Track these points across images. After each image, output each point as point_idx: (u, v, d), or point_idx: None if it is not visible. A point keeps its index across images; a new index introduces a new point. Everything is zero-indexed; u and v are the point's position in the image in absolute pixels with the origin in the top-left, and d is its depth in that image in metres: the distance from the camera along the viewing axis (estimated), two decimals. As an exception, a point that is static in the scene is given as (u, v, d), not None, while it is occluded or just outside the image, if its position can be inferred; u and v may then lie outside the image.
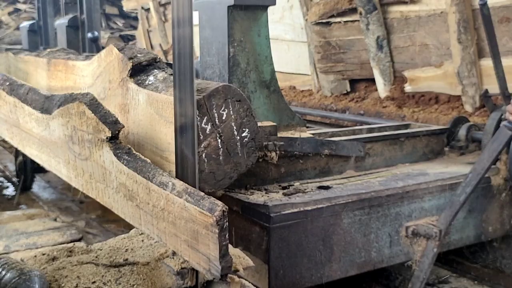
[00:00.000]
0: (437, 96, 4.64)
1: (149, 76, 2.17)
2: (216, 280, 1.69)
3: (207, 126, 1.90)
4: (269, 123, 2.72)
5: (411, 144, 3.31)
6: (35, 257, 1.96)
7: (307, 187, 2.68)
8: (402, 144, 3.27)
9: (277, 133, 2.71)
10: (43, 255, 1.97)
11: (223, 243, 1.56)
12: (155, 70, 2.19)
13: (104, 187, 2.13)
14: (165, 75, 2.13)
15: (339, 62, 5.44)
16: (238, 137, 1.98)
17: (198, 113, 1.86)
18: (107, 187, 2.11)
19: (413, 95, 4.84)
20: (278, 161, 2.70)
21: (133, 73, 2.19)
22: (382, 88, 5.04)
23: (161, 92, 2.01)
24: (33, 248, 3.11)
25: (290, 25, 6.00)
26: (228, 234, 1.58)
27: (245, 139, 2.00)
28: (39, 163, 2.82)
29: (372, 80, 5.20)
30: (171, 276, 1.84)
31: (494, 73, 3.21)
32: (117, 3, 12.03)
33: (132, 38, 11.40)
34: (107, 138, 1.92)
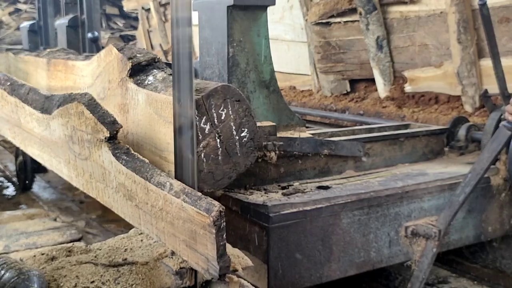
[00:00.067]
0: (437, 96, 4.64)
1: (148, 76, 2.17)
2: (214, 280, 1.69)
3: (206, 126, 1.90)
4: (269, 123, 2.72)
5: (410, 144, 3.31)
6: (34, 256, 1.96)
7: (307, 187, 2.68)
8: (401, 144, 3.27)
9: (277, 133, 2.70)
10: (42, 254, 1.97)
11: (221, 243, 1.57)
12: (155, 70, 2.19)
13: (104, 186, 2.13)
14: (164, 75, 2.13)
15: (339, 62, 5.44)
16: (237, 137, 1.98)
17: (197, 113, 1.86)
18: (107, 187, 2.11)
19: (413, 95, 4.83)
20: (277, 161, 2.70)
21: (132, 73, 2.20)
22: (382, 88, 5.04)
23: (160, 92, 2.01)
24: (32, 248, 3.12)
25: (290, 25, 6.00)
26: (225, 234, 1.58)
27: (244, 139, 2.00)
28: (41, 162, 2.82)
29: (372, 80, 5.20)
30: (170, 276, 1.84)
31: (493, 73, 3.21)
32: (117, 3, 12.04)
33: (133, 38, 11.41)
34: (106, 138, 1.92)
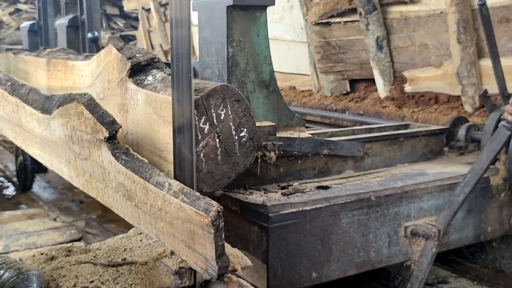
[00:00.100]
0: (436, 96, 4.64)
1: (148, 76, 2.17)
2: (213, 280, 1.69)
3: (205, 126, 1.90)
4: (268, 123, 2.72)
5: (410, 144, 3.31)
6: (33, 256, 1.96)
7: (306, 187, 2.68)
8: (401, 144, 3.27)
9: (276, 133, 2.71)
10: (41, 254, 1.97)
11: (219, 243, 1.57)
12: (154, 70, 2.19)
13: (104, 186, 2.13)
14: (163, 75, 2.13)
15: (339, 62, 5.44)
16: (236, 137, 1.98)
17: (196, 113, 1.86)
18: (107, 186, 2.11)
19: (412, 95, 4.84)
20: (277, 161, 2.70)
21: (132, 73, 2.20)
22: (382, 88, 5.04)
23: (159, 92, 2.01)
24: (32, 248, 3.12)
25: (290, 25, 6.00)
26: (224, 234, 1.58)
27: (243, 139, 2.00)
28: (42, 162, 2.83)
29: (372, 80, 5.20)
30: (169, 276, 1.84)
31: (493, 73, 3.21)
32: (118, 3, 12.05)
33: (133, 38, 11.42)
34: (105, 138, 1.92)
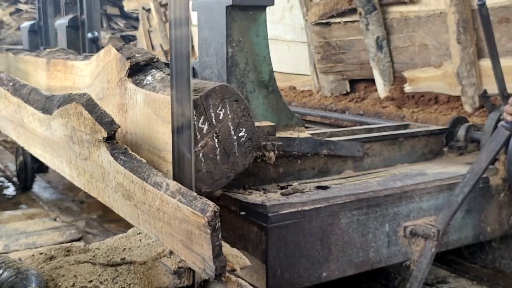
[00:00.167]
0: (436, 97, 4.64)
1: (147, 76, 2.17)
2: (211, 279, 1.70)
3: (204, 125, 1.90)
4: (268, 123, 2.73)
5: (410, 144, 3.31)
6: (32, 256, 1.97)
7: (306, 187, 2.68)
8: (401, 144, 3.27)
9: (276, 133, 2.71)
10: (40, 254, 1.97)
11: (216, 243, 1.57)
12: (153, 70, 2.19)
13: (104, 186, 2.13)
14: (163, 75, 2.13)
15: (339, 62, 5.44)
16: (235, 136, 1.98)
17: (195, 112, 1.86)
18: (107, 186, 2.11)
19: (412, 96, 4.84)
20: (276, 161, 2.70)
21: (131, 73, 2.19)
22: (382, 88, 5.04)
23: (158, 92, 2.01)
24: (32, 248, 3.12)
25: (290, 25, 6.00)
26: (220, 235, 1.58)
27: (242, 138, 2.00)
28: (44, 162, 2.83)
29: (372, 81, 5.20)
30: (168, 276, 1.84)
31: (493, 73, 3.21)
32: (118, 3, 12.05)
33: (133, 38, 11.43)
34: (104, 139, 1.92)
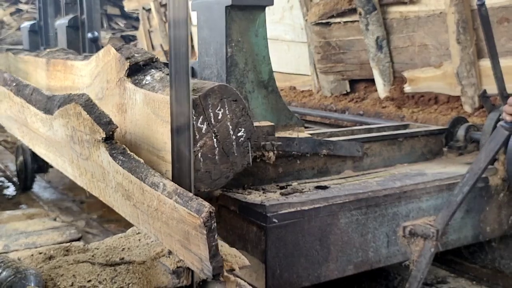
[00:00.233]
0: (436, 97, 4.64)
1: (146, 75, 2.17)
2: (209, 279, 1.70)
3: (203, 125, 1.90)
4: (267, 123, 2.73)
5: (409, 144, 3.31)
6: (31, 256, 1.97)
7: (305, 187, 2.68)
8: (400, 144, 3.27)
9: (275, 133, 2.71)
10: (39, 254, 1.98)
11: (213, 244, 1.57)
12: (152, 70, 2.19)
13: (105, 186, 2.14)
14: (162, 74, 2.13)
15: (339, 62, 5.44)
16: (234, 136, 1.98)
17: (194, 112, 1.86)
18: (107, 186, 2.11)
19: (412, 96, 4.84)
20: (276, 161, 2.70)
21: (130, 73, 2.20)
22: (382, 88, 5.04)
23: (157, 92, 2.02)
24: (32, 248, 3.12)
25: (290, 25, 6.00)
26: (217, 235, 1.58)
27: (241, 138, 2.00)
28: (48, 161, 2.85)
29: (372, 81, 5.20)
30: (167, 275, 1.85)
31: (492, 73, 3.21)
32: (118, 3, 12.06)
33: (134, 38, 11.43)
34: (102, 139, 1.92)
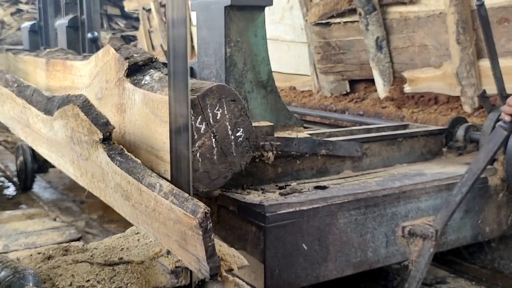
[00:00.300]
0: (436, 97, 4.64)
1: (145, 76, 2.17)
2: (207, 279, 1.70)
3: (201, 125, 1.90)
4: (266, 123, 2.73)
5: (409, 145, 3.31)
6: (30, 256, 1.97)
7: (304, 187, 2.68)
8: (400, 144, 3.27)
9: (274, 133, 2.71)
10: (38, 254, 1.98)
11: (209, 244, 1.57)
12: (151, 70, 2.19)
13: (105, 186, 2.14)
14: (161, 75, 2.13)
15: (338, 62, 5.44)
16: (232, 136, 1.98)
17: (192, 112, 1.87)
18: (107, 186, 2.12)
19: (412, 96, 4.84)
20: (275, 161, 2.70)
21: (129, 73, 2.20)
22: (382, 88, 5.04)
23: (156, 92, 2.02)
24: (31, 248, 3.13)
25: (290, 25, 6.00)
26: (213, 235, 1.58)
27: (240, 138, 2.00)
28: (51, 161, 2.86)
29: (372, 81, 5.20)
30: (166, 275, 1.85)
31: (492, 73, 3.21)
32: (118, 3, 12.07)
33: (134, 38, 11.44)
34: (100, 140, 1.93)
